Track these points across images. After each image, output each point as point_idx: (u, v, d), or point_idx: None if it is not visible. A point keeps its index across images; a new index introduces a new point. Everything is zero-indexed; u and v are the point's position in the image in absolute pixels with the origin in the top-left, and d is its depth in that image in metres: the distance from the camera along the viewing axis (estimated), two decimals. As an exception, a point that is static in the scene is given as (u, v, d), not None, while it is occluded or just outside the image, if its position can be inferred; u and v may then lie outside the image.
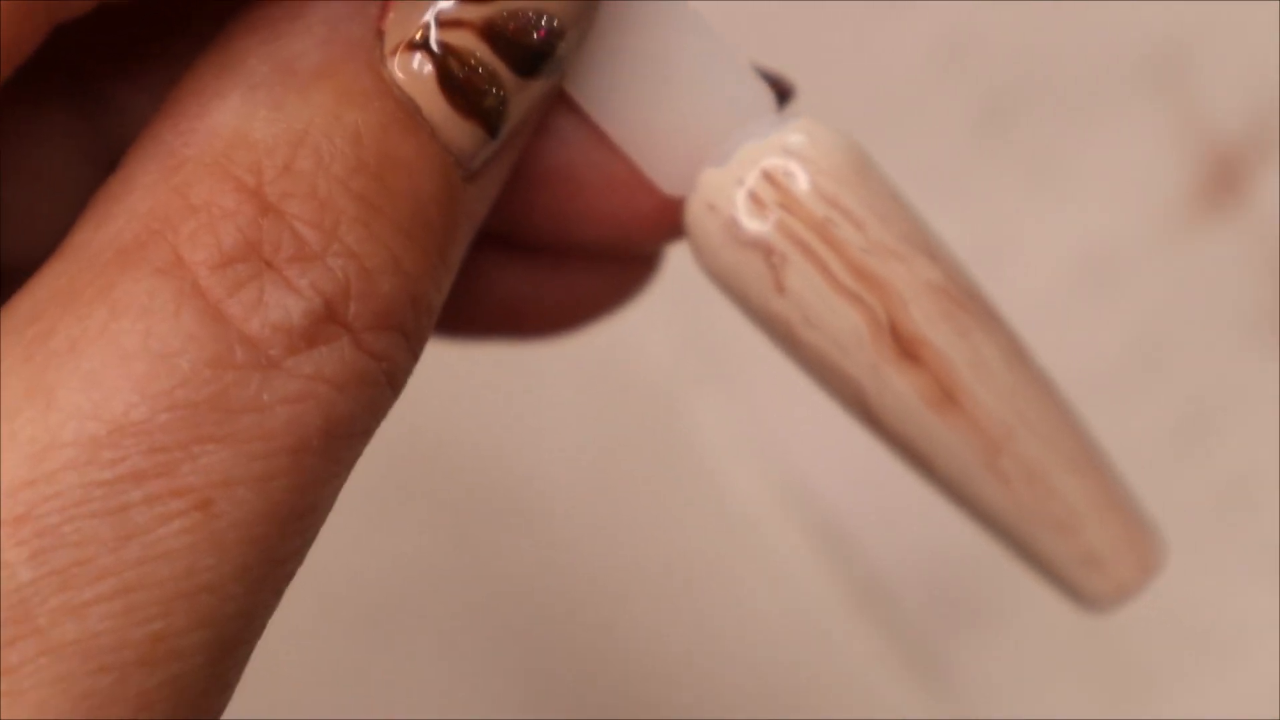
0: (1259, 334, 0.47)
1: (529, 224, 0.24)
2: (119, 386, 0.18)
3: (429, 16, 0.20)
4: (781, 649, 0.46)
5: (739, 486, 0.46)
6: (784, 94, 0.23)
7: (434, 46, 0.20)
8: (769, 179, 0.22)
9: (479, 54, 0.20)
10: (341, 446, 0.20)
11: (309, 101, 0.20)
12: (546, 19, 0.20)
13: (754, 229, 0.22)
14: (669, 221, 0.23)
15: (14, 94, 0.22)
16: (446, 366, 0.42)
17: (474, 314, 0.25)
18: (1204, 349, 0.47)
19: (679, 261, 0.25)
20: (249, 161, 0.19)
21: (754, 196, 0.22)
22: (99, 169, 0.22)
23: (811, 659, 0.46)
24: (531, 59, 0.21)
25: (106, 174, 0.20)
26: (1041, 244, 0.47)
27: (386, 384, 0.20)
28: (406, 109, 0.20)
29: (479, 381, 0.45)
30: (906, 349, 0.22)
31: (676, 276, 0.27)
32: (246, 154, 0.19)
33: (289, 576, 0.20)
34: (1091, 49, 0.47)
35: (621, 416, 0.46)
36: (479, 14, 0.20)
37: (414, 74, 0.20)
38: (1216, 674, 0.45)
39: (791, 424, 0.24)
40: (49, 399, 0.18)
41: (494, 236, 0.24)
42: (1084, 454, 0.24)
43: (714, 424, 0.46)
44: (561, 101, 0.23)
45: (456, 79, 0.20)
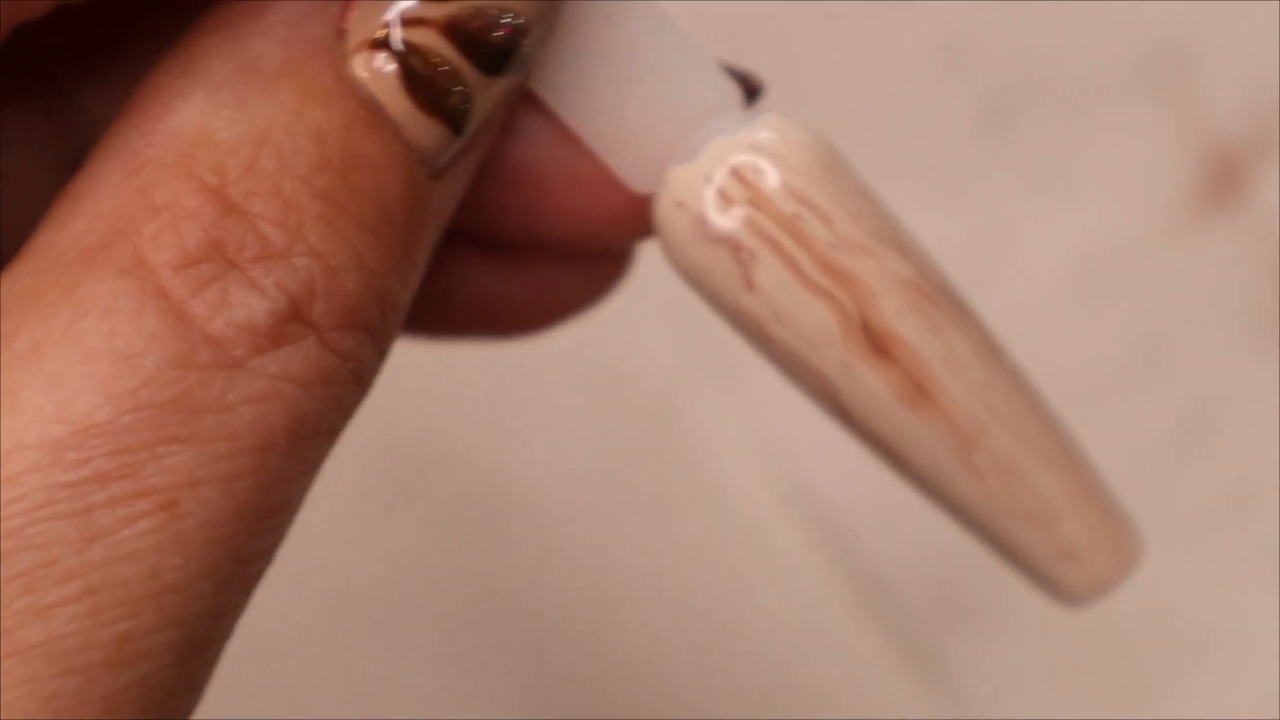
0: (1259, 334, 0.46)
1: (498, 223, 0.24)
2: (82, 388, 0.18)
3: (391, 15, 0.20)
4: (781, 647, 0.46)
5: (739, 485, 0.46)
6: (752, 91, 0.23)
7: (397, 45, 0.20)
8: (737, 176, 0.22)
9: (442, 52, 0.20)
10: (308, 446, 0.20)
11: (272, 101, 0.20)
12: (510, 16, 0.20)
13: (722, 226, 0.22)
14: (638, 219, 0.23)
15: (-24, 95, 0.22)
16: (446, 366, 0.42)
17: (446, 313, 0.25)
18: (1204, 349, 0.47)
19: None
20: (212, 161, 0.19)
21: (722, 193, 0.22)
22: (63, 169, 0.22)
23: (811, 657, 0.46)
24: (495, 56, 0.20)
25: (71, 174, 0.20)
26: (1042, 244, 0.47)
27: (353, 382, 0.20)
28: (370, 108, 0.20)
29: (479, 382, 0.45)
30: (877, 344, 0.22)
31: (677, 276, 0.27)
32: (209, 154, 0.19)
33: (258, 576, 0.20)
34: (1092, 49, 0.47)
35: (622, 416, 0.46)
36: (442, 12, 0.20)
37: (377, 72, 0.20)
38: (1216, 674, 0.45)
39: (791, 422, 0.24)
40: (12, 401, 0.18)
41: (464, 236, 0.24)
42: (1058, 448, 0.23)
43: (714, 423, 0.46)
44: (528, 100, 0.23)
45: (420, 77, 0.20)
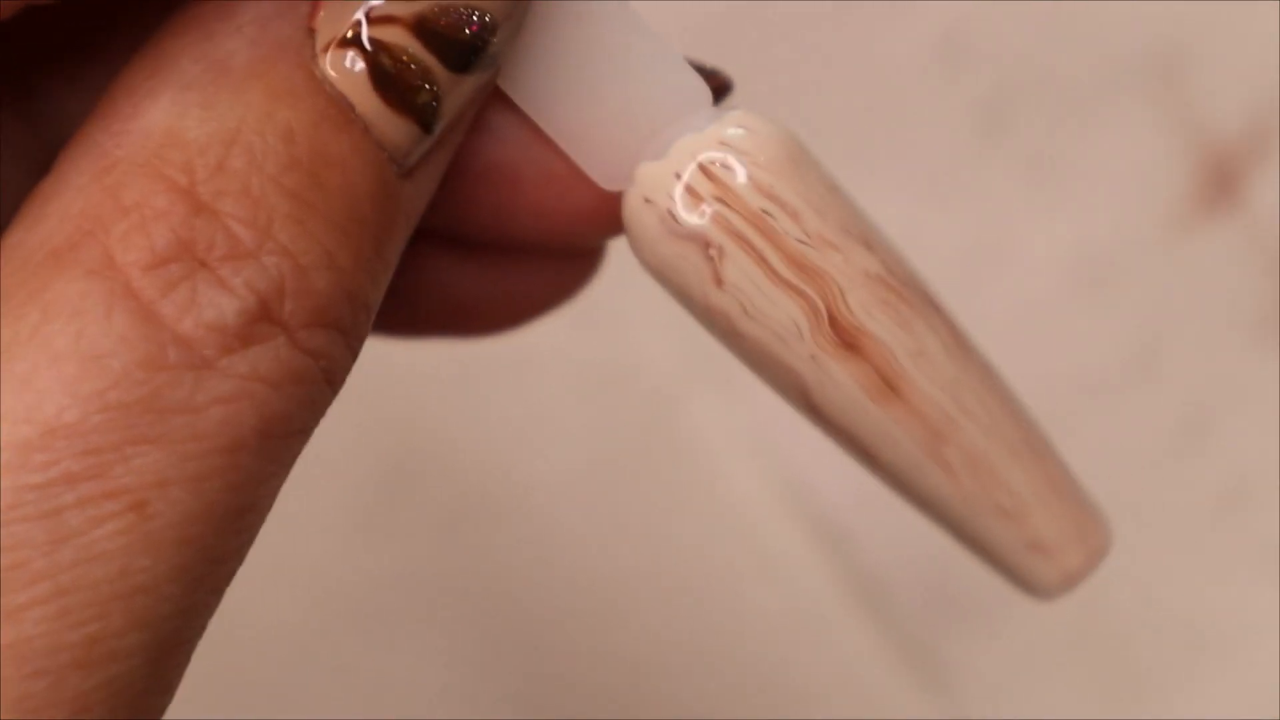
0: (1258, 334, 0.46)
1: (468, 221, 0.24)
2: (50, 389, 0.18)
3: (360, 14, 0.20)
4: (779, 646, 0.46)
5: (736, 485, 0.46)
6: (720, 89, 0.23)
7: (365, 43, 0.20)
8: (705, 172, 0.22)
9: (411, 50, 0.20)
10: (278, 445, 0.20)
11: (241, 100, 0.20)
12: (478, 14, 0.20)
13: (691, 222, 0.22)
14: (608, 216, 0.23)
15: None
16: (444, 366, 0.42)
17: (417, 312, 0.25)
18: (1203, 350, 0.47)
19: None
20: (181, 161, 0.19)
21: (691, 190, 0.22)
22: (35, 170, 0.22)
23: (808, 656, 0.46)
24: (464, 54, 0.20)
25: (42, 175, 0.20)
26: (1040, 244, 0.47)
27: (324, 381, 0.20)
28: (339, 106, 0.20)
29: (477, 382, 0.45)
30: (845, 339, 0.22)
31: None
32: (179, 153, 0.19)
33: (229, 576, 0.20)
34: (1090, 50, 0.47)
35: (620, 416, 0.46)
36: (410, 10, 0.20)
37: (346, 71, 0.20)
38: (1214, 674, 0.45)
39: (790, 423, 0.24)
40: None
41: (434, 234, 0.24)
42: (1027, 442, 0.24)
43: (711, 422, 0.46)
44: (497, 98, 0.22)
45: (389, 75, 0.20)
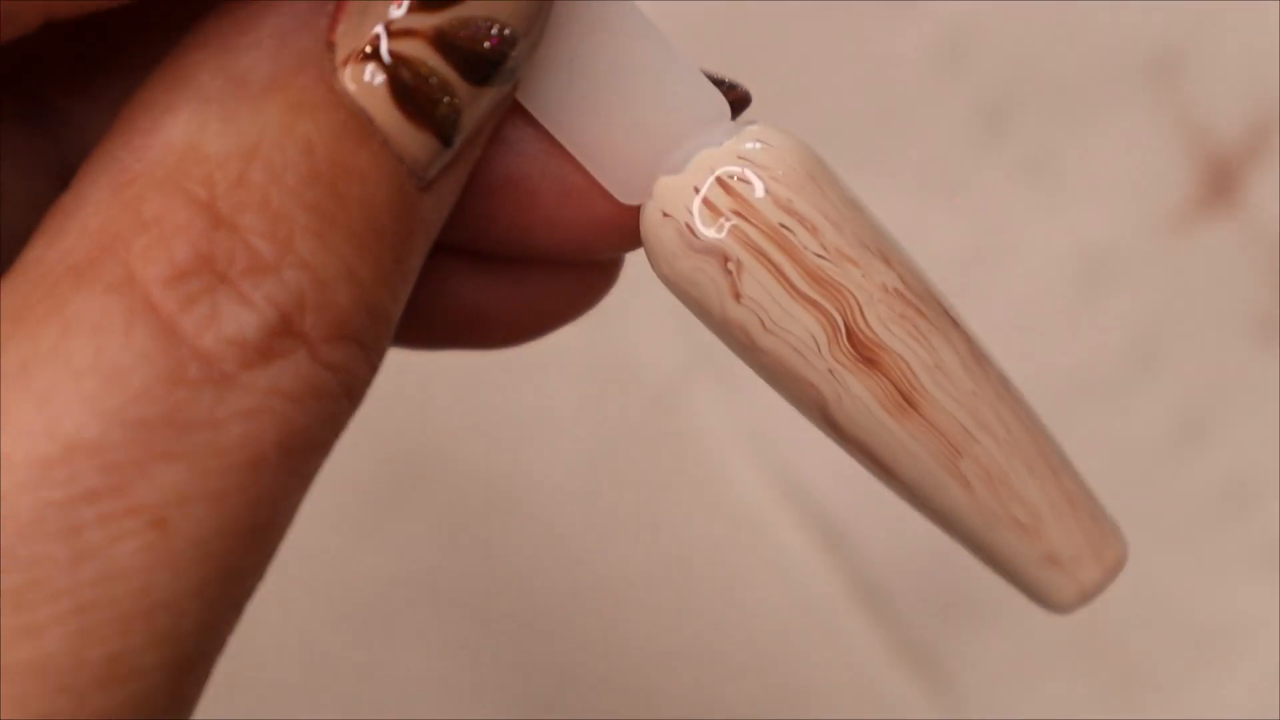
0: (1256, 334, 0.46)
1: (486, 234, 0.24)
2: (71, 405, 0.18)
3: (379, 27, 0.20)
4: (780, 645, 0.46)
5: (738, 484, 0.46)
6: (738, 102, 0.23)
7: (385, 57, 0.20)
8: (724, 186, 0.22)
9: (430, 63, 0.20)
10: (299, 460, 0.20)
11: (261, 114, 0.20)
12: (497, 27, 0.20)
13: (710, 236, 0.22)
14: (625, 229, 0.23)
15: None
16: (445, 367, 0.42)
17: (435, 324, 0.25)
18: (1202, 349, 0.47)
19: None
20: (201, 175, 0.19)
21: (709, 204, 0.22)
22: (53, 185, 0.22)
23: (808, 655, 0.46)
24: (484, 67, 0.20)
25: (60, 190, 0.20)
26: (1040, 245, 0.47)
27: (344, 396, 0.20)
28: (359, 119, 0.20)
29: (478, 381, 0.45)
30: (863, 353, 0.22)
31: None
32: (198, 167, 0.19)
33: (250, 591, 0.20)
34: (1090, 51, 0.47)
35: (621, 415, 0.46)
36: (430, 23, 0.20)
37: (365, 84, 0.20)
38: (1214, 673, 0.45)
39: (790, 422, 0.24)
40: (1, 419, 0.18)
41: (451, 247, 0.24)
42: (1043, 456, 0.24)
43: (713, 422, 0.46)
44: (516, 112, 0.22)
45: (408, 88, 0.20)
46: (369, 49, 0.20)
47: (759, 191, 0.22)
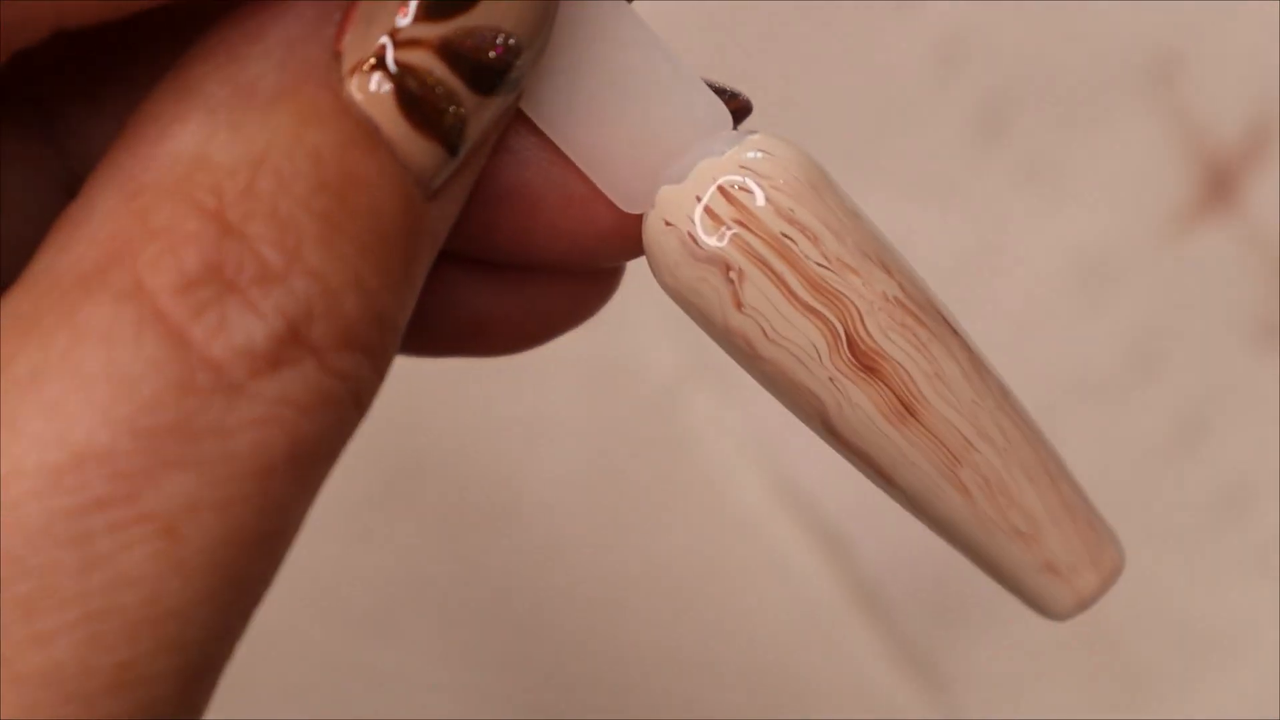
0: (1256, 337, 0.47)
1: (490, 242, 0.24)
2: (80, 414, 0.18)
3: (386, 37, 0.20)
4: (777, 648, 0.46)
5: (737, 489, 0.46)
6: (740, 111, 0.23)
7: (391, 66, 0.20)
8: (726, 195, 0.22)
9: (436, 72, 0.20)
10: (307, 468, 0.20)
11: (269, 123, 0.20)
12: (503, 37, 0.20)
13: (712, 245, 0.22)
14: (628, 238, 0.23)
15: (-27, 121, 0.22)
16: (445, 369, 0.42)
17: (437, 332, 0.25)
18: (1201, 352, 0.47)
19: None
20: (210, 184, 0.19)
21: (711, 213, 0.22)
22: (60, 194, 0.22)
23: (807, 658, 0.46)
24: (489, 76, 0.21)
25: (67, 199, 0.20)
26: (1039, 248, 0.47)
27: (352, 404, 0.20)
28: (366, 129, 0.20)
29: (478, 385, 0.45)
30: (864, 362, 0.23)
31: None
32: (207, 176, 0.19)
33: (258, 599, 0.20)
34: (1089, 54, 0.47)
35: (620, 419, 0.47)
36: (436, 33, 0.20)
37: (372, 94, 0.20)
38: (1212, 676, 0.45)
39: (789, 426, 0.25)
40: (11, 427, 0.18)
41: (455, 255, 0.24)
42: (1042, 464, 0.24)
43: (711, 427, 0.47)
44: (520, 121, 0.23)
45: (415, 98, 0.20)
46: (376, 59, 0.20)
47: (761, 200, 0.22)
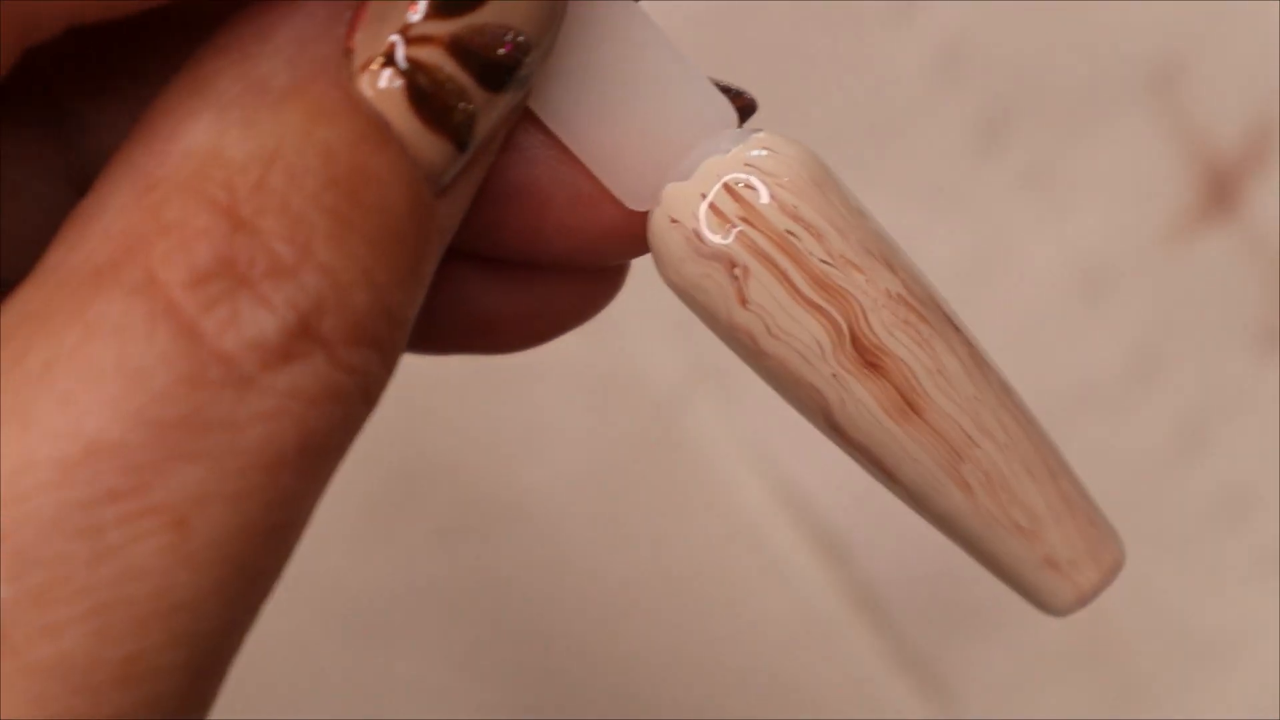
0: (1256, 343, 0.47)
1: (497, 239, 0.24)
2: (92, 406, 0.18)
3: (396, 34, 0.20)
4: (779, 652, 0.46)
5: (739, 494, 0.46)
6: (744, 109, 0.24)
7: (402, 63, 0.20)
8: (731, 192, 0.23)
9: (446, 69, 0.20)
10: (317, 462, 0.20)
11: (281, 119, 0.20)
12: (512, 34, 0.21)
13: (716, 242, 0.23)
14: (633, 235, 0.24)
15: (-13, 116, 0.22)
16: (447, 373, 0.42)
17: (444, 328, 0.25)
18: (1202, 358, 0.47)
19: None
20: (222, 179, 0.19)
21: (716, 210, 0.23)
22: (75, 189, 0.22)
23: (808, 662, 0.46)
24: (498, 73, 0.21)
25: (79, 195, 0.20)
26: (1040, 254, 0.47)
27: (361, 399, 0.20)
28: (376, 125, 0.20)
29: (481, 389, 0.45)
30: (867, 358, 0.23)
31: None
32: (219, 172, 0.19)
33: (266, 593, 0.20)
34: (1089, 60, 0.47)
35: (621, 423, 0.47)
36: (446, 30, 0.20)
37: (383, 90, 0.20)
38: (1214, 680, 0.45)
39: (790, 430, 0.25)
40: (24, 420, 0.18)
41: (462, 251, 0.24)
42: (1043, 459, 0.24)
43: (714, 432, 0.47)
44: (527, 119, 0.23)
45: (425, 94, 0.20)
46: (386, 55, 0.20)
47: (764, 198, 0.23)
